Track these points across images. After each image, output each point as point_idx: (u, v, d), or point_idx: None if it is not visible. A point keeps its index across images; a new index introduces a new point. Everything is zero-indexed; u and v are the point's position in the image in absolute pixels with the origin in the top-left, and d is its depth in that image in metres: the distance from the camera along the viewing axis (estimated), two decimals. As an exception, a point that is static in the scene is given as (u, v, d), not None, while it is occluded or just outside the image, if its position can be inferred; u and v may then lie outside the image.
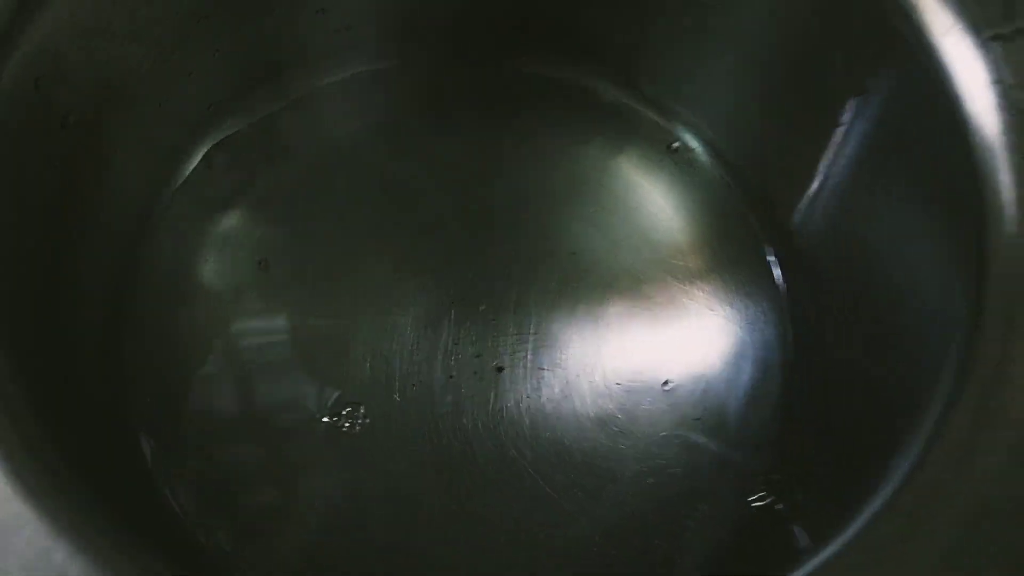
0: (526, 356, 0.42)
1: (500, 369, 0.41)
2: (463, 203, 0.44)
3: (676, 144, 0.46)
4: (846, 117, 0.36)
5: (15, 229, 0.29)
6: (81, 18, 0.30)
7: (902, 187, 0.34)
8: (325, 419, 0.40)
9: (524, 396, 0.41)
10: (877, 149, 0.35)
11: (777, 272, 0.43)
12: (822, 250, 0.41)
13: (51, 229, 0.33)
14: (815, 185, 0.41)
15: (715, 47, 0.41)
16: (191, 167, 0.42)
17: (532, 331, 0.42)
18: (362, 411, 0.40)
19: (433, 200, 0.44)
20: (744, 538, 0.38)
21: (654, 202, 0.45)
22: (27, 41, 0.28)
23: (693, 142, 0.46)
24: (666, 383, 0.41)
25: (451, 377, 0.41)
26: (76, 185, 0.33)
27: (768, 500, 0.39)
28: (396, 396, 0.40)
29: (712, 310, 0.43)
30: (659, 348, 0.42)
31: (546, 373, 0.41)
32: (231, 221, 0.43)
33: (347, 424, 0.40)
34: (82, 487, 0.24)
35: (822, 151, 0.39)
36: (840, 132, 0.37)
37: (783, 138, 0.42)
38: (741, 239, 0.44)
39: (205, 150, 0.43)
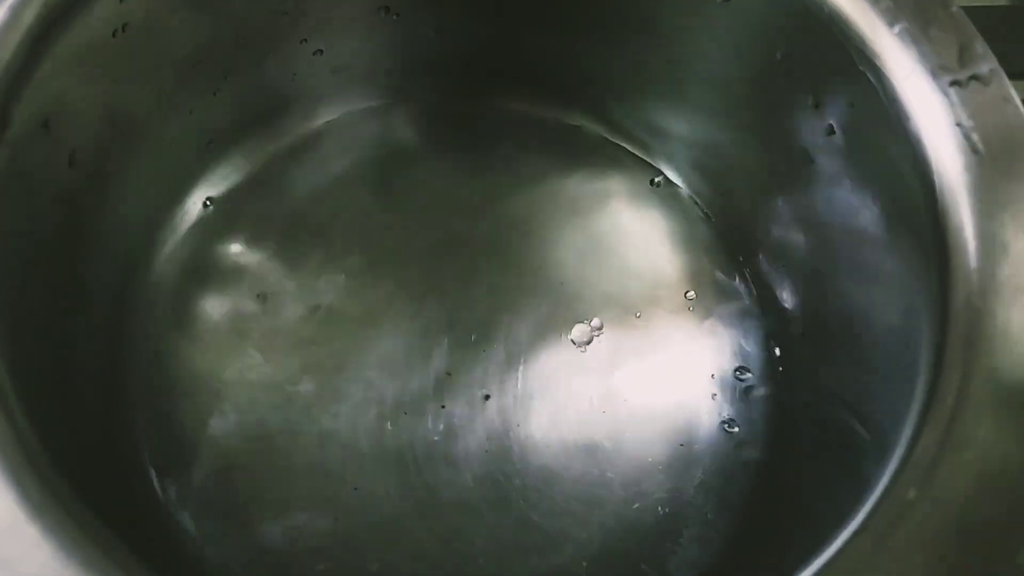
0: (516, 385, 0.43)
1: (488, 397, 0.42)
2: (455, 234, 0.46)
3: (659, 179, 0.47)
4: (819, 156, 0.38)
5: (21, 262, 0.31)
6: (86, 63, 0.32)
7: (869, 220, 0.36)
8: (317, 447, 0.41)
9: (514, 424, 0.42)
10: (844, 185, 0.37)
11: (756, 301, 0.45)
12: (796, 281, 0.42)
13: (55, 261, 0.34)
14: (786, 219, 0.42)
15: (694, 89, 0.43)
16: (192, 203, 0.44)
17: (521, 360, 0.43)
18: (354, 440, 0.41)
19: (426, 232, 0.46)
20: (730, 563, 0.39)
21: (638, 235, 0.46)
22: (36, 83, 0.29)
23: (674, 176, 0.47)
24: (650, 411, 0.42)
25: (443, 406, 0.42)
26: (81, 220, 0.35)
27: (753, 522, 0.40)
28: (388, 425, 0.42)
29: (694, 339, 0.44)
30: (645, 376, 0.43)
31: (535, 402, 0.42)
32: (230, 256, 0.44)
33: (337, 448, 0.41)
34: (89, 512, 0.25)
35: (792, 186, 0.41)
36: (812, 170, 0.39)
37: (755, 174, 0.43)
38: (721, 270, 0.46)
39: (206, 187, 0.44)
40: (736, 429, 0.42)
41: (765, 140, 0.41)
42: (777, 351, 0.43)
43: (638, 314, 0.44)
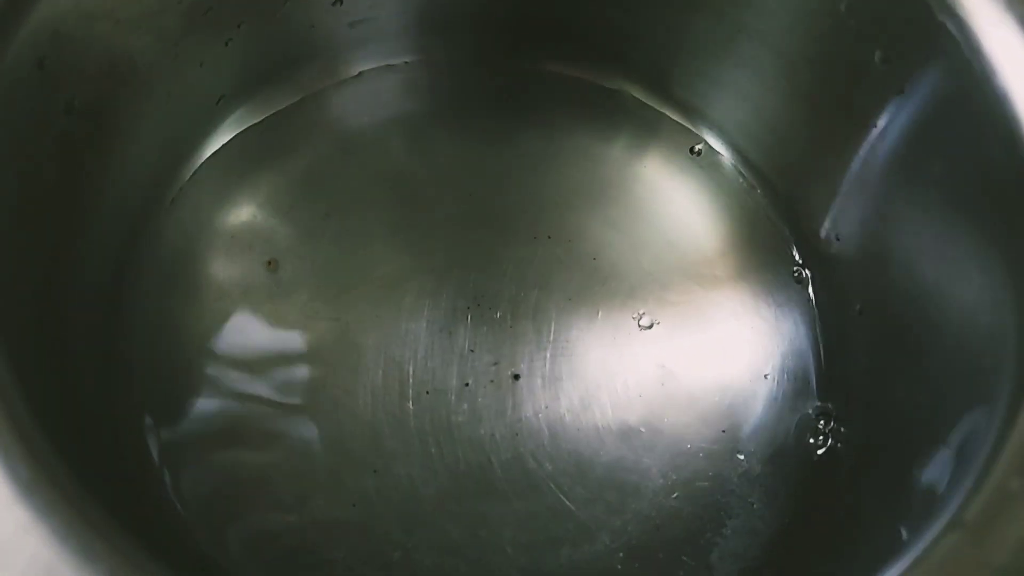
0: (545, 364, 0.40)
1: (517, 377, 0.40)
2: (481, 203, 0.43)
3: (700, 147, 0.44)
4: (882, 120, 0.35)
5: (14, 216, 0.28)
6: (85, 2, 0.29)
7: (944, 194, 0.33)
8: (334, 426, 0.38)
9: (543, 406, 0.39)
10: (916, 153, 0.34)
11: (806, 280, 0.42)
12: (854, 259, 0.39)
13: (51, 218, 0.31)
14: (846, 191, 0.39)
15: (744, 48, 0.40)
16: (199, 161, 0.41)
17: (551, 338, 0.40)
18: (373, 419, 0.38)
19: (450, 200, 0.43)
20: (777, 555, 0.36)
21: (678, 206, 0.43)
22: (30, 20, 0.26)
23: (718, 145, 0.44)
24: (690, 394, 0.40)
25: (466, 385, 0.39)
26: (79, 174, 0.32)
27: (803, 516, 0.37)
28: (409, 403, 0.39)
29: (738, 318, 0.41)
30: (683, 357, 0.40)
31: (565, 383, 0.40)
32: (238, 218, 0.41)
33: (355, 428, 0.38)
34: (85, 493, 0.22)
35: (855, 156, 0.38)
36: (874, 135, 0.36)
37: (813, 142, 0.40)
38: (768, 245, 0.43)
39: (215, 145, 0.41)
40: (784, 414, 0.39)
41: (822, 103, 0.38)
42: (829, 332, 0.40)
43: (677, 290, 0.42)
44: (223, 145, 0.41)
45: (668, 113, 0.45)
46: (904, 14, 0.32)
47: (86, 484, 0.23)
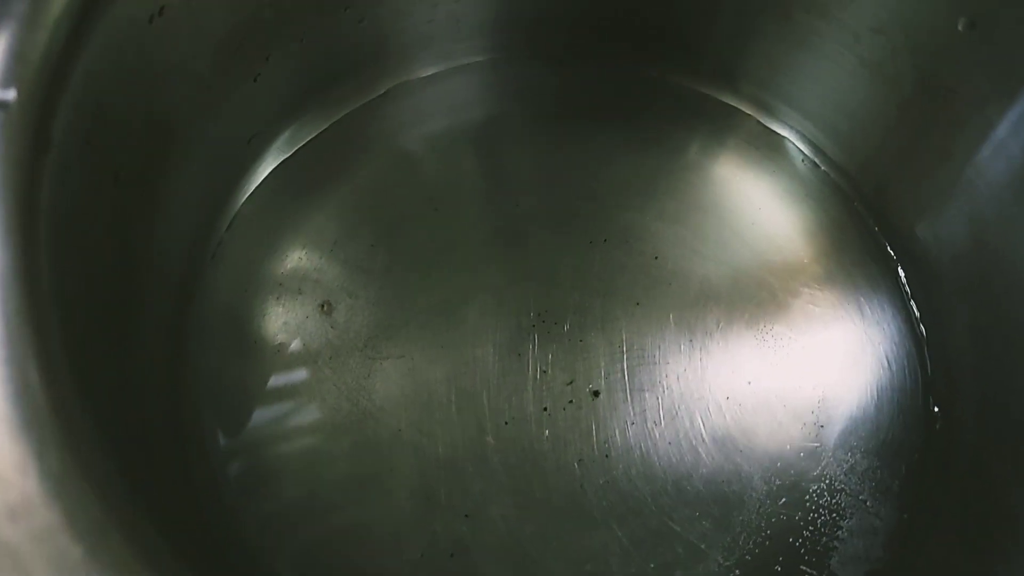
0: (623, 377, 0.38)
1: (596, 394, 0.38)
2: (536, 209, 0.40)
3: (775, 142, 0.42)
4: (1000, 130, 0.32)
5: (79, 283, 0.25)
6: (122, 58, 0.26)
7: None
8: (416, 472, 0.36)
9: (628, 423, 0.37)
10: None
11: (902, 281, 0.40)
12: (957, 264, 0.37)
13: (109, 279, 0.28)
14: (954, 191, 0.37)
15: (832, 48, 0.37)
16: (235, 207, 0.38)
17: (623, 349, 0.38)
18: (455, 460, 0.36)
19: (502, 209, 0.40)
20: (904, 553, 0.35)
21: (749, 200, 0.41)
22: (70, 94, 0.23)
23: (797, 140, 0.42)
24: (781, 391, 0.38)
25: (544, 409, 0.37)
26: (130, 244, 0.29)
27: (919, 509, 0.35)
28: (489, 437, 0.37)
29: (821, 309, 0.39)
30: (767, 355, 0.39)
31: (647, 394, 0.38)
32: (284, 263, 0.38)
33: (439, 471, 0.36)
34: (153, 535, 0.20)
35: (965, 154, 0.35)
36: (989, 147, 0.33)
37: (913, 145, 0.38)
38: (858, 244, 0.41)
39: (249, 187, 0.38)
40: (884, 407, 0.38)
41: (900, 81, 0.35)
42: (928, 328, 0.39)
43: (753, 288, 0.39)
44: (257, 186, 0.39)
45: (747, 110, 0.43)
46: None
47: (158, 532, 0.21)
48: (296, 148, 0.40)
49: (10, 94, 0.21)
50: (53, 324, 0.20)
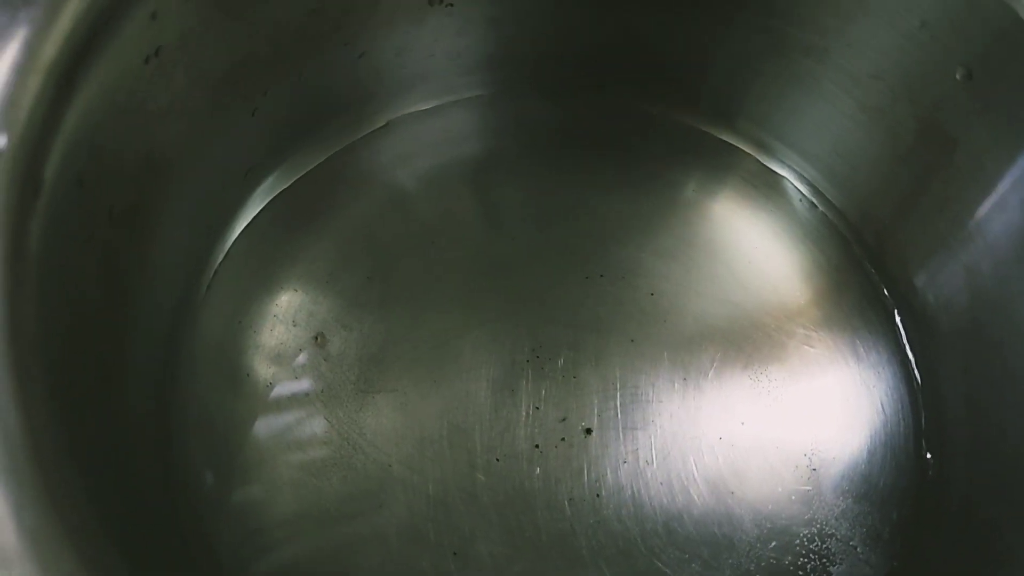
0: (616, 415, 0.38)
1: (589, 432, 0.38)
2: (531, 245, 0.40)
3: (773, 182, 0.42)
4: (1000, 185, 0.32)
5: (67, 327, 0.25)
6: (117, 101, 0.26)
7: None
8: (405, 509, 0.36)
9: (620, 461, 0.37)
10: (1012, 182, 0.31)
11: (899, 327, 0.40)
12: (953, 314, 0.37)
13: (98, 320, 0.28)
14: (952, 242, 0.36)
15: (831, 91, 0.37)
16: (230, 241, 0.38)
17: (617, 386, 0.38)
18: (445, 497, 0.36)
19: (498, 245, 0.40)
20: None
21: (746, 239, 0.41)
22: (63, 136, 0.24)
23: (793, 178, 0.42)
24: (774, 434, 0.38)
25: (536, 446, 0.37)
26: (120, 281, 0.29)
27: (910, 556, 0.35)
28: (479, 474, 0.37)
29: (821, 356, 0.39)
30: (761, 397, 0.38)
31: (640, 433, 0.38)
32: (278, 295, 0.38)
33: (428, 508, 0.36)
34: None
35: (963, 205, 0.35)
36: (989, 200, 0.33)
37: (913, 193, 0.38)
38: (854, 286, 0.41)
39: (244, 219, 0.39)
40: (876, 451, 0.38)
41: (899, 127, 0.35)
42: (919, 373, 0.38)
43: (748, 328, 0.39)
44: (253, 219, 0.39)
45: (739, 145, 0.43)
46: (987, 22, 0.29)
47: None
48: (293, 181, 0.40)
49: (1, 141, 0.21)
50: (37, 372, 0.20)
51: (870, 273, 0.41)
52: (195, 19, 0.27)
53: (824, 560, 0.36)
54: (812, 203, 0.42)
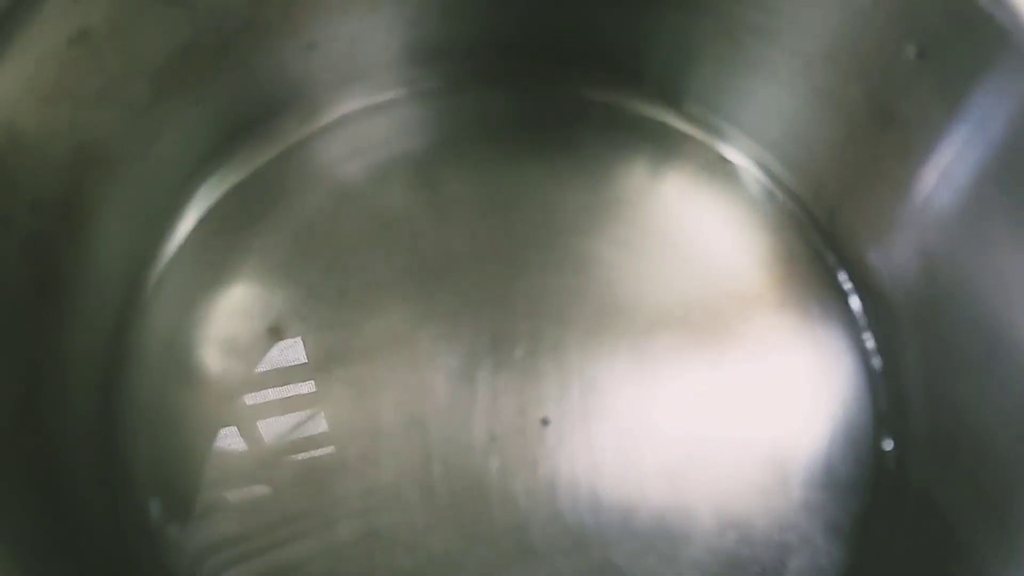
0: (572, 405, 0.37)
1: (546, 422, 0.37)
2: (488, 236, 0.40)
3: (725, 166, 0.42)
4: (945, 157, 0.31)
5: None
6: (39, 84, 0.26)
7: (1004, 211, 0.30)
8: (359, 504, 0.35)
9: (577, 452, 0.37)
10: (992, 183, 0.31)
11: (857, 313, 0.39)
12: (909, 296, 0.36)
13: (30, 326, 0.28)
14: (904, 220, 0.36)
15: (783, 74, 0.37)
16: (181, 234, 0.38)
17: (576, 376, 0.38)
18: (399, 491, 0.35)
19: (455, 236, 0.40)
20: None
21: (700, 226, 0.41)
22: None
23: (744, 161, 0.42)
24: (734, 425, 0.37)
25: (493, 438, 0.37)
26: (54, 274, 0.29)
27: (869, 549, 0.34)
28: (434, 466, 0.36)
29: (774, 341, 0.39)
30: (720, 387, 0.38)
31: (597, 424, 0.37)
32: (232, 288, 0.38)
33: (382, 501, 0.35)
34: None
35: (914, 183, 0.34)
36: (939, 166, 0.33)
37: (865, 173, 0.37)
38: (804, 267, 0.40)
39: (196, 213, 0.38)
40: (837, 441, 0.37)
41: (851, 107, 0.35)
42: (878, 359, 0.38)
43: (705, 316, 0.39)
44: (205, 211, 0.38)
45: (691, 131, 0.42)
46: (961, 26, 0.28)
47: None
48: (246, 174, 0.39)
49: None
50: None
51: (826, 257, 0.40)
52: (124, 1, 0.27)
53: (783, 552, 0.35)
54: (766, 187, 0.41)
